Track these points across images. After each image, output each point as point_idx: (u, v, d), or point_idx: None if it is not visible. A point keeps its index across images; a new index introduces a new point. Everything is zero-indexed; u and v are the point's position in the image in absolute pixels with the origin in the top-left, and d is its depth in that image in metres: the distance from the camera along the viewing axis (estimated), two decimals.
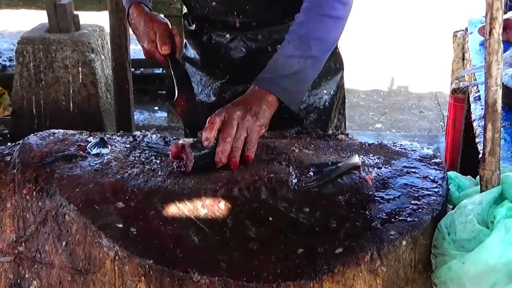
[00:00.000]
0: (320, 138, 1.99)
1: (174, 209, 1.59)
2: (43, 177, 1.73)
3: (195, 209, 1.60)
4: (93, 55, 4.61)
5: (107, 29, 4.51)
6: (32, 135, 1.94)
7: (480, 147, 2.03)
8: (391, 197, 1.63)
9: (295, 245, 1.46)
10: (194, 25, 2.32)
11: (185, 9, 2.37)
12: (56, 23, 4.61)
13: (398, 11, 8.18)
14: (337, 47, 2.27)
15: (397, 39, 7.61)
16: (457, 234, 1.48)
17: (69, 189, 1.66)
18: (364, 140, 2.08)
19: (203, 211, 1.59)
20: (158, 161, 1.83)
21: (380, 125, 5.75)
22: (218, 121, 1.76)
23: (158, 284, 1.42)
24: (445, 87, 6.04)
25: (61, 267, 1.61)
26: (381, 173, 1.74)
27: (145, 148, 1.92)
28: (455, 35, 4.14)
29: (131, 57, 4.42)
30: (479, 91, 2.51)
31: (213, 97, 2.33)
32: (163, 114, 5.94)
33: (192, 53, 2.38)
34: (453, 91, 3.91)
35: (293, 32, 1.95)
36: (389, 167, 1.77)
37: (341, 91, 2.36)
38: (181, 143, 1.77)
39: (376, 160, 1.82)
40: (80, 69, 4.57)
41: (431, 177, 1.71)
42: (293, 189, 1.68)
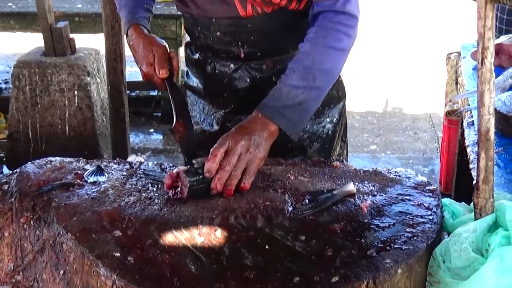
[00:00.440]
0: (315, 164, 2.00)
1: (171, 238, 1.60)
2: (41, 206, 1.74)
3: (192, 237, 1.61)
4: (88, 79, 4.62)
5: (103, 51, 4.52)
6: (29, 163, 1.94)
7: (474, 173, 2.04)
8: (386, 224, 1.64)
9: (292, 273, 1.48)
10: (197, 54, 2.32)
11: (187, 38, 2.36)
12: (52, 47, 4.62)
13: (391, 33, 8.23)
14: (340, 74, 2.27)
15: (391, 61, 7.64)
16: (452, 262, 1.49)
17: (67, 218, 1.67)
18: (359, 162, 2.09)
19: (200, 240, 1.60)
20: (154, 189, 1.84)
21: (375, 146, 5.77)
22: (220, 153, 1.78)
23: None
24: (439, 108, 6.06)
25: None
26: (376, 200, 1.75)
27: (141, 175, 1.93)
28: (448, 57, 4.16)
29: (126, 79, 4.43)
30: (472, 117, 2.53)
31: (216, 126, 2.33)
32: (158, 136, 5.94)
33: (194, 81, 2.38)
34: (447, 114, 3.93)
35: (298, 61, 1.95)
36: (384, 195, 1.78)
37: (343, 119, 2.37)
38: (176, 171, 1.78)
39: (371, 187, 1.83)
40: (76, 92, 4.58)
41: (425, 204, 1.73)
42: (289, 217, 1.69)
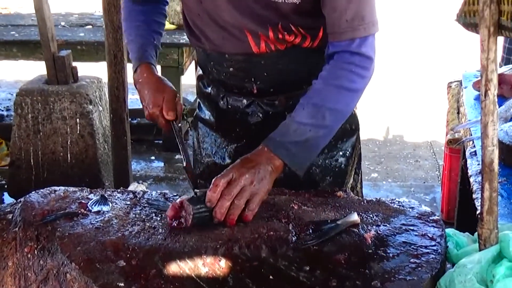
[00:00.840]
0: (318, 194, 2.00)
1: (175, 268, 1.60)
2: (45, 236, 1.74)
3: (196, 267, 1.60)
4: (91, 107, 4.64)
5: (105, 79, 4.54)
6: (33, 192, 1.95)
7: (477, 203, 2.05)
8: (390, 255, 1.64)
9: None
10: (210, 88, 2.31)
11: (199, 71, 2.36)
12: (54, 75, 4.64)
13: (392, 61, 8.26)
14: (354, 108, 2.24)
15: (392, 89, 7.67)
16: None
17: (71, 248, 1.67)
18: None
19: (204, 270, 1.60)
20: (158, 219, 1.84)
21: (376, 174, 5.77)
22: (222, 184, 1.78)
23: None
24: (440, 136, 6.07)
25: None
26: (380, 230, 1.75)
27: (145, 205, 1.93)
28: (449, 86, 4.18)
29: (128, 107, 4.44)
30: (475, 146, 2.54)
31: (228, 160, 2.30)
32: (159, 164, 5.94)
33: (206, 114, 2.36)
34: (449, 142, 3.95)
35: (309, 98, 1.94)
36: (388, 225, 1.78)
37: (356, 151, 2.34)
38: (179, 200, 1.79)
39: (374, 217, 1.83)
40: (78, 120, 4.59)
41: (429, 234, 1.73)
42: (293, 247, 1.69)
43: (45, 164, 4.65)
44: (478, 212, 1.74)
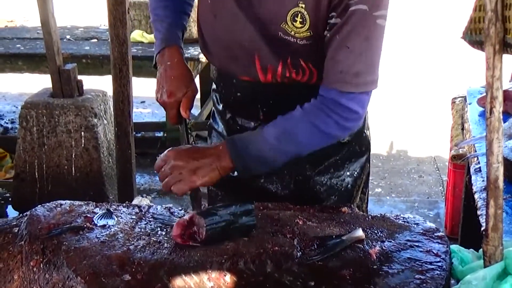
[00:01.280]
0: (323, 210, 2.01)
1: (180, 282, 1.61)
2: (51, 249, 1.74)
3: (201, 282, 1.61)
4: (95, 120, 4.65)
5: (110, 93, 4.55)
6: (39, 206, 1.96)
7: (482, 220, 2.05)
8: (395, 271, 1.64)
9: None
10: (221, 106, 2.30)
11: (214, 84, 2.34)
12: (60, 88, 4.65)
13: (396, 77, 8.28)
14: (365, 130, 2.25)
15: (396, 104, 7.68)
16: None
17: (76, 261, 1.68)
18: None
19: (209, 284, 1.60)
20: (163, 233, 1.85)
21: (380, 189, 5.77)
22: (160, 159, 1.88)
23: None
24: (443, 151, 6.08)
25: None
26: (384, 246, 1.76)
27: (150, 219, 1.94)
28: (453, 101, 4.18)
29: (133, 121, 4.45)
30: (479, 163, 2.54)
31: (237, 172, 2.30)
32: None
33: (220, 126, 2.34)
34: (453, 158, 3.95)
35: (285, 120, 1.94)
36: (393, 241, 1.79)
37: (364, 171, 2.31)
38: (189, 217, 1.79)
39: (379, 233, 1.84)
40: (82, 133, 4.60)
41: (434, 251, 1.73)
42: (298, 262, 1.69)
43: (49, 177, 4.66)
44: (482, 228, 1.74)
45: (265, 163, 1.94)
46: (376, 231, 1.85)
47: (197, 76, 6.13)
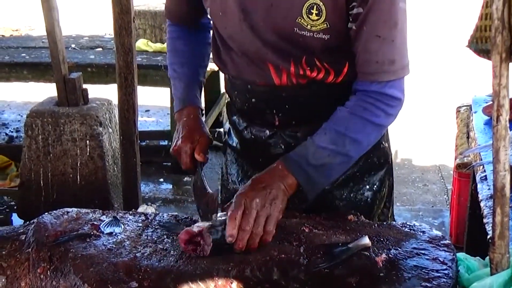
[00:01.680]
0: (329, 218, 2.01)
1: None
2: (58, 256, 1.75)
3: None
4: (101, 129, 4.65)
5: (115, 101, 4.55)
6: (46, 214, 1.96)
7: (488, 228, 2.05)
8: (402, 279, 1.64)
9: None
10: (235, 117, 2.30)
11: (228, 98, 2.34)
12: (65, 97, 4.66)
13: None
14: (383, 142, 2.24)
15: (400, 112, 7.69)
16: None
17: (83, 269, 1.68)
18: None
19: None
20: (170, 240, 1.85)
21: None
22: (239, 215, 1.77)
23: None
24: (448, 160, 6.07)
25: None
26: (391, 254, 1.75)
27: (157, 227, 1.95)
28: (458, 110, 4.19)
29: (138, 129, 4.46)
30: (485, 171, 2.54)
31: None
32: (168, 186, 5.96)
33: (234, 141, 2.34)
34: (458, 167, 3.94)
35: (332, 124, 1.94)
36: (399, 249, 1.79)
37: (385, 185, 2.28)
38: (198, 230, 1.79)
39: (385, 241, 1.84)
40: (88, 142, 4.61)
41: (440, 258, 1.73)
42: (304, 269, 1.69)
43: (54, 185, 4.66)
44: (489, 236, 1.74)
45: (327, 171, 1.93)
46: (382, 239, 1.85)
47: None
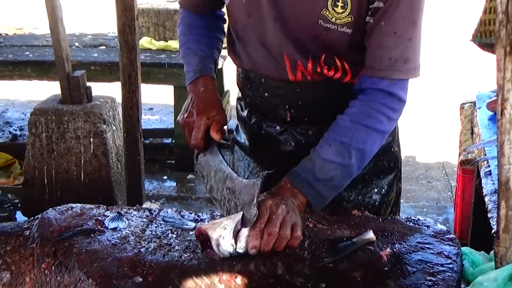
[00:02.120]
0: (333, 213, 2.01)
1: (191, 284, 1.61)
2: (62, 252, 1.75)
3: (212, 284, 1.61)
4: (104, 126, 4.65)
5: (118, 99, 4.55)
6: (50, 209, 1.97)
7: (492, 223, 2.05)
8: (406, 273, 1.64)
9: None
10: (246, 112, 2.26)
11: (239, 93, 2.31)
12: (69, 95, 4.66)
13: None
14: (394, 146, 2.23)
15: (404, 110, 7.67)
16: None
17: (88, 264, 1.69)
18: None
19: (220, 287, 1.61)
20: (174, 236, 1.86)
21: None
22: (264, 222, 1.73)
23: None
24: (452, 157, 6.06)
25: None
26: (395, 248, 1.75)
27: (161, 222, 1.95)
28: (462, 107, 4.18)
29: (142, 127, 4.46)
30: (489, 166, 2.53)
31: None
32: (172, 183, 5.96)
33: (242, 137, 2.32)
34: (462, 163, 3.94)
35: (336, 135, 1.90)
36: (404, 243, 1.79)
37: (393, 189, 2.28)
38: (215, 244, 1.72)
39: (390, 235, 1.83)
40: (91, 139, 4.61)
41: (445, 253, 1.73)
42: (309, 264, 1.69)
43: (58, 183, 4.67)
44: (493, 230, 1.74)
45: (335, 185, 1.91)
46: (386, 233, 1.84)
47: None
